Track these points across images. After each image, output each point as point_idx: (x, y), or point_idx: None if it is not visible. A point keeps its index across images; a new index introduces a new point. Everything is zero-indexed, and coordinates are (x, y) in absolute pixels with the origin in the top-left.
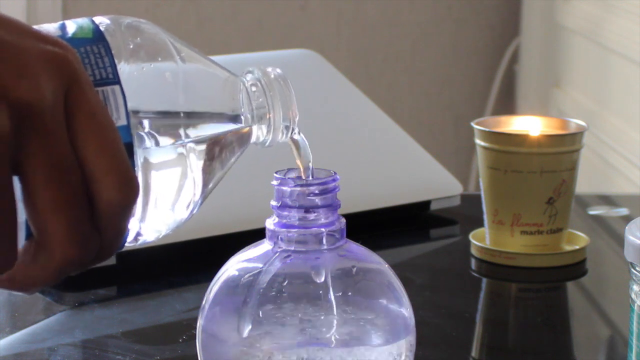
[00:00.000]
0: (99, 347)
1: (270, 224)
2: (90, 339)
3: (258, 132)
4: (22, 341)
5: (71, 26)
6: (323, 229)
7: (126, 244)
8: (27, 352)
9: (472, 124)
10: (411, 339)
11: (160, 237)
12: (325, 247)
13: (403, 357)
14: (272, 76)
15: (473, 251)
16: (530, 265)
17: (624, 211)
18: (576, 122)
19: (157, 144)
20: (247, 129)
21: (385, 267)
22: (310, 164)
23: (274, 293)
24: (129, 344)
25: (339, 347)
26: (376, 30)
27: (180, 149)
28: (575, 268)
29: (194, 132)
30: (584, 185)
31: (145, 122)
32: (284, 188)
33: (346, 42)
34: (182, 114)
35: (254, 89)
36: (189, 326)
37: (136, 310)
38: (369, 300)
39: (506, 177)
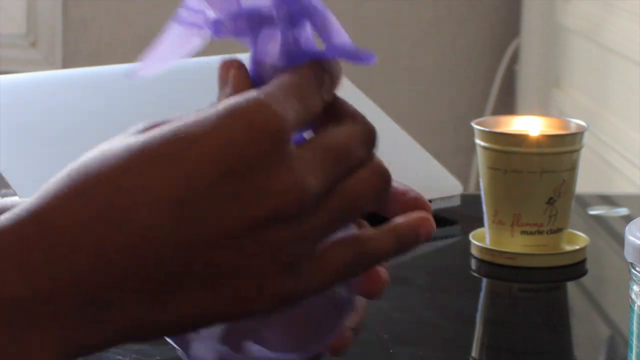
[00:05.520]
0: None
1: None
2: None
3: None
4: None
5: None
6: None
7: None
8: None
9: (472, 124)
10: None
11: None
12: None
13: None
14: None
15: (473, 251)
16: (530, 265)
17: (624, 211)
18: (576, 122)
19: None
20: None
21: None
22: None
23: None
24: (129, 344)
25: None
26: (376, 30)
27: None
28: (575, 268)
29: None
30: (584, 185)
31: None
32: None
33: None
34: None
35: None
36: None
37: None
38: None
39: (506, 177)
